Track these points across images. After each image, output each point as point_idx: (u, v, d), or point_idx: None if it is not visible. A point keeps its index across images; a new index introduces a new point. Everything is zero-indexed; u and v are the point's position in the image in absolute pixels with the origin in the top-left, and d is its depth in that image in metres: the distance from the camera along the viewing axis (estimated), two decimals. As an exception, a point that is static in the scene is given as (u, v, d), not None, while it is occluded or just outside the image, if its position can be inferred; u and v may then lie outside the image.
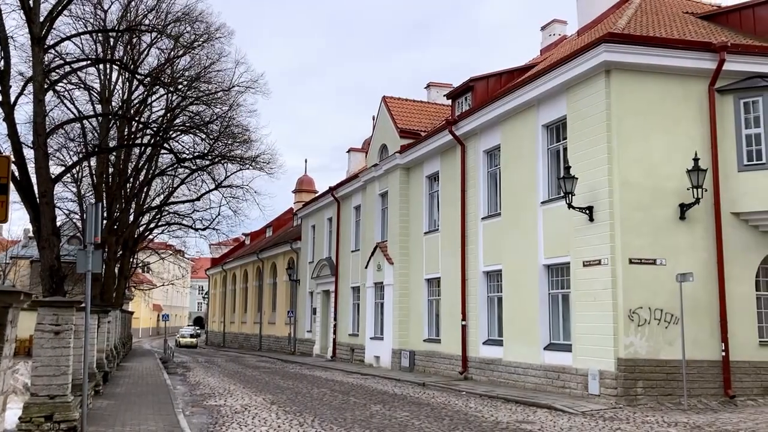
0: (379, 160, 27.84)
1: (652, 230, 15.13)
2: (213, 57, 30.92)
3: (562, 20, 26.21)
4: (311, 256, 38.27)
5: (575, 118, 16.56)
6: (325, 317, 34.94)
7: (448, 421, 12.55)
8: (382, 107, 28.10)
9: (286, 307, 42.28)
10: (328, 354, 32.94)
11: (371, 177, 28.59)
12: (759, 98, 15.53)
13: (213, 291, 67.30)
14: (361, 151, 37.59)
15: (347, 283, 31.72)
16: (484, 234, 20.58)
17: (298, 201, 49.54)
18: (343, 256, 32.57)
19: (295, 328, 40.15)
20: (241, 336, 53.05)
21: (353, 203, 31.85)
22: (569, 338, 16.47)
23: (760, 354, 15.20)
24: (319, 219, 37.16)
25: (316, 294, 36.17)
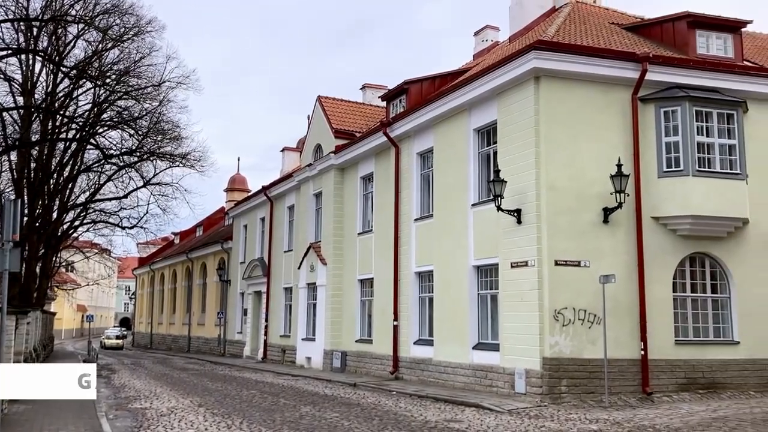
0: (314, 160, 27.73)
1: (576, 233, 15.61)
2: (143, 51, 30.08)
3: (494, 27, 26.76)
4: (243, 256, 37.76)
5: (505, 123, 16.93)
6: (256, 318, 34.53)
7: (377, 422, 12.62)
8: (317, 107, 28.00)
9: (216, 308, 41.57)
10: (259, 355, 32.57)
11: (305, 177, 28.43)
12: (678, 107, 16.26)
13: (140, 291, 65.50)
14: (295, 151, 37.33)
15: (279, 284, 31.44)
16: (417, 235, 20.79)
17: (230, 200, 48.80)
18: (276, 257, 32.27)
19: (225, 330, 39.51)
20: (170, 337, 51.84)
21: (287, 203, 31.60)
22: (497, 338, 16.82)
23: (676, 353, 15.91)
24: (252, 218, 36.70)
25: (248, 295, 35.71)
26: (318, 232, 27.38)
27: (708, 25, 17.82)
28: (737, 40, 17.95)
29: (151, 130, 31.41)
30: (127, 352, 48.25)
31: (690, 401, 14.97)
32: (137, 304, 67.20)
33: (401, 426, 12.10)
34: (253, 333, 34.56)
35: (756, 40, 21.70)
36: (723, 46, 17.87)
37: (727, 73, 16.97)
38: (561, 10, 21.02)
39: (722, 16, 18.09)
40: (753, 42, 21.15)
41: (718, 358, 16.24)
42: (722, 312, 16.73)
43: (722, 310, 16.73)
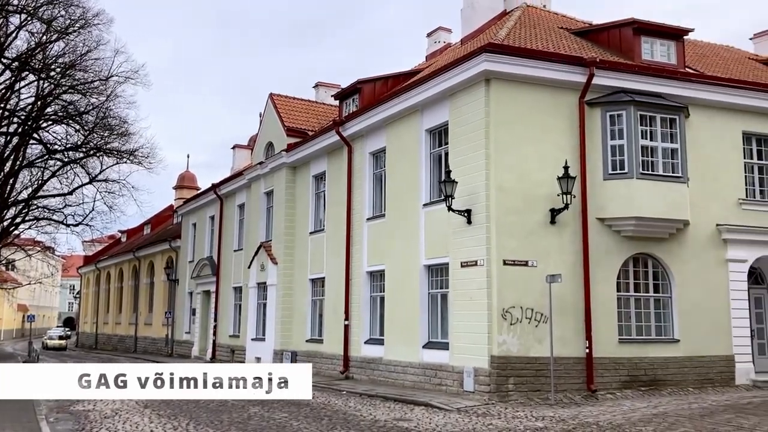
0: (265, 158, 27.48)
1: (525, 233, 15.87)
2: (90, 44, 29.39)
3: (447, 28, 26.99)
4: (191, 255, 37.16)
5: (456, 124, 17.09)
6: (205, 318, 34.03)
7: (327, 421, 12.59)
8: (269, 105, 27.75)
9: (164, 307, 40.82)
10: (208, 355, 32.10)
11: (256, 175, 28.15)
12: (623, 112, 16.69)
13: (85, 290, 63.83)
14: (246, 149, 36.93)
15: (229, 283, 31.06)
16: (369, 235, 20.81)
17: (179, 198, 47.93)
18: (226, 256, 31.86)
19: (172, 329, 38.84)
20: (115, 337, 50.67)
21: (237, 201, 31.23)
22: (447, 337, 16.97)
23: (619, 351, 16.33)
24: (201, 217, 36.15)
25: (196, 294, 35.16)
26: (269, 231, 27.14)
27: (653, 32, 18.33)
28: (680, 47, 18.52)
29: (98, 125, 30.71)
30: (71, 353, 46.94)
31: (632, 398, 15.38)
32: (82, 303, 65.46)
33: (350, 425, 12.10)
34: (202, 333, 34.05)
35: (697, 48, 22.44)
36: (667, 53, 18.42)
37: (670, 79, 17.49)
38: (512, 13, 21.34)
39: (666, 24, 18.64)
40: (694, 49, 21.87)
41: (659, 356, 16.73)
42: (663, 311, 17.24)
43: (664, 309, 17.24)
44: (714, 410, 13.48)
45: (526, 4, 21.92)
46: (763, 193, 18.91)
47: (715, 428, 11.42)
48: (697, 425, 11.74)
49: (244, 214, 30.17)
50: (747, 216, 18.22)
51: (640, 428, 11.50)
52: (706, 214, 17.66)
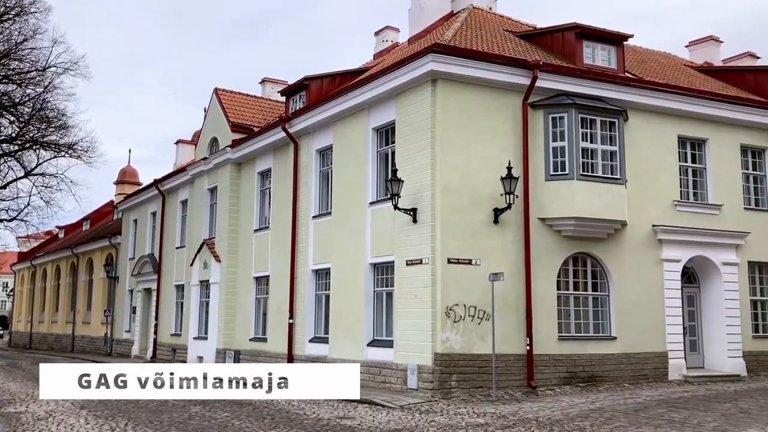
0: (209, 153, 27.05)
1: (469, 232, 16.07)
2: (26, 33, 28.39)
3: (394, 27, 27.07)
4: (132, 252, 36.30)
5: (403, 123, 17.18)
6: (146, 316, 33.29)
7: (269, 420, 12.49)
8: (214, 100, 27.32)
9: (103, 305, 39.74)
10: (148, 354, 31.42)
11: (200, 171, 27.68)
12: (565, 114, 17.07)
13: (19, 288, 61.54)
14: (190, 144, 36.27)
15: (171, 281, 30.47)
16: (315, 233, 20.72)
17: (119, 193, 46.71)
18: (167, 253, 31.23)
19: (112, 328, 37.87)
20: (51, 337, 49.05)
21: (180, 197, 30.64)
22: (391, 335, 17.05)
23: (559, 348, 16.71)
24: (142, 213, 35.34)
25: (137, 292, 34.36)
26: (212, 228, 26.73)
27: (594, 37, 18.80)
28: (620, 52, 19.04)
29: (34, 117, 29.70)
30: (3, 353, 45.20)
31: (571, 394, 15.76)
32: (16, 301, 63.11)
33: (293, 424, 12.03)
34: (143, 332, 33.31)
35: (636, 54, 23.13)
36: (607, 58, 18.91)
37: (611, 83, 17.97)
38: (459, 15, 21.56)
39: (607, 29, 19.11)
40: (634, 55, 22.54)
41: (597, 353, 17.19)
42: (602, 309, 17.71)
43: (602, 307, 17.72)
44: (648, 405, 13.92)
45: (472, 6, 22.18)
46: (696, 195, 19.64)
47: (648, 422, 11.80)
48: (631, 420, 12.11)
49: (187, 210, 29.64)
50: (681, 217, 18.90)
51: (578, 423, 11.79)
52: (643, 215, 18.24)
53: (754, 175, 20.75)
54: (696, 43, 28.76)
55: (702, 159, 19.83)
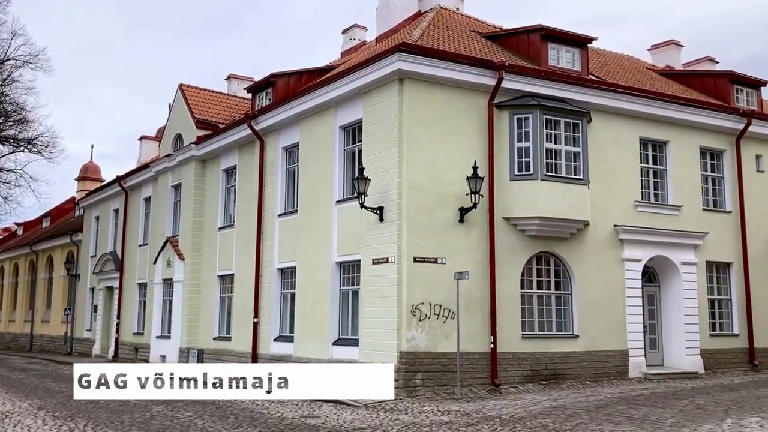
0: (173, 150, 26.70)
1: (435, 231, 16.15)
2: (-17, 24, 27.59)
3: (362, 26, 27.06)
4: (94, 249, 35.63)
5: (370, 122, 17.18)
6: (108, 315, 32.71)
7: (232, 420, 12.39)
8: (179, 95, 26.96)
9: (63, 304, 38.94)
10: (110, 354, 30.89)
11: (164, 167, 27.30)
12: (530, 115, 17.26)
13: (-25, 286, 59.89)
14: (154, 140, 35.74)
15: (133, 279, 29.99)
16: (281, 231, 20.60)
17: (81, 189, 45.77)
18: (130, 251, 30.74)
19: (72, 327, 37.12)
20: (8, 336, 47.89)
21: (143, 194, 30.19)
22: (357, 333, 17.05)
23: (522, 346, 16.90)
24: (105, 210, 34.72)
25: (98, 290, 33.75)
26: (176, 226, 26.39)
27: (559, 39, 19.03)
28: (584, 54, 19.32)
29: (-8, 110, 28.88)
30: (-42, 353, 43.99)
31: (534, 392, 15.96)
32: (-29, 300, 61.38)
33: (257, 423, 11.96)
34: (104, 331, 32.73)
35: (600, 56, 23.50)
36: (571, 60, 19.17)
37: (575, 85, 18.23)
38: (426, 14, 21.64)
39: (572, 32, 19.37)
40: (597, 57, 22.89)
41: (559, 351, 17.43)
42: (564, 308, 17.97)
43: (564, 305, 17.97)
44: (609, 402, 14.16)
45: (439, 6, 22.28)
46: (657, 196, 20.04)
47: (609, 419, 12.00)
48: (592, 417, 12.30)
49: (150, 207, 29.21)
50: (642, 217, 19.26)
51: (541, 421, 11.93)
52: (605, 215, 18.54)
53: (713, 177, 21.26)
54: (658, 46, 29.34)
55: (663, 161, 20.24)
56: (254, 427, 11.54)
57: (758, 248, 21.45)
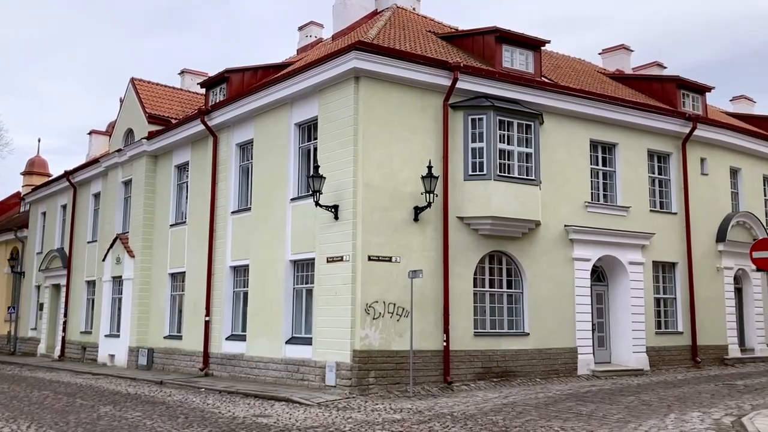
0: (124, 145, 26.14)
1: (389, 230, 16.21)
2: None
3: (319, 23, 26.94)
4: (40, 246, 34.64)
5: (326, 120, 17.13)
6: (54, 313, 31.83)
7: (182, 419, 12.21)
8: (130, 89, 26.42)
9: (7, 302, 37.76)
10: (56, 353, 30.07)
11: (114, 163, 26.71)
12: (483, 116, 17.45)
13: None
14: (104, 135, 34.88)
15: (81, 277, 29.27)
16: (233, 228, 20.38)
17: (27, 184, 44.39)
18: (78, 248, 29.98)
19: (17, 326, 36.03)
20: (-52, 335, 46.16)
21: (92, 190, 29.47)
22: (310, 332, 16.99)
23: (474, 344, 17.10)
24: (52, 205, 33.77)
25: (44, 288, 32.82)
26: (126, 223, 25.86)
27: (513, 41, 19.29)
28: (537, 57, 19.63)
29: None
30: None
31: (485, 389, 16.16)
32: None
33: (207, 423, 11.81)
34: (50, 329, 31.84)
35: (553, 59, 23.91)
36: (525, 62, 19.46)
37: (528, 87, 18.50)
38: (383, 13, 21.68)
39: (526, 34, 19.65)
40: (550, 60, 23.28)
41: (510, 349, 17.69)
42: (515, 306, 18.24)
43: (515, 304, 18.25)
44: (558, 399, 14.44)
45: (396, 5, 22.35)
46: (606, 197, 20.50)
47: (557, 415, 12.24)
48: (542, 413, 12.52)
49: (100, 203, 28.55)
50: (591, 218, 19.68)
51: (491, 418, 12.09)
52: (556, 215, 18.89)
53: (660, 179, 21.86)
54: (608, 51, 30.01)
55: (612, 162, 20.71)
56: (205, 427, 11.40)
57: (702, 249, 22.16)
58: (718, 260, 22.66)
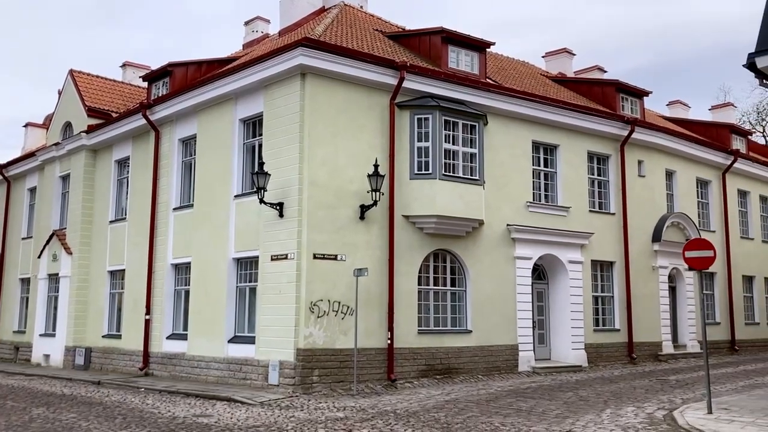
0: (62, 139, 25.33)
1: (335, 228, 16.18)
2: None
3: (265, 18, 26.67)
4: (-29, 242, 33.22)
5: (271, 116, 16.98)
6: (-15, 312, 30.60)
7: (120, 420, 11.93)
8: (69, 82, 25.59)
9: (-66, 300, 36.08)
10: (-13, 354, 28.94)
11: (51, 157, 25.85)
12: (429, 115, 17.60)
13: None
14: (41, 128, 33.69)
15: (15, 274, 28.24)
16: (175, 225, 20.00)
17: (-43, 178, 42.58)
18: (12, 244, 28.91)
19: (-56, 326, 34.46)
20: None
21: (27, 185, 28.47)
22: (254, 331, 16.82)
23: (418, 341, 17.24)
24: (-16, 200, 32.44)
25: (-25, 286, 31.50)
26: (64, 219, 25.07)
27: (459, 42, 19.51)
28: (482, 58, 19.90)
29: None
30: None
31: (428, 386, 16.31)
32: None
33: (146, 423, 11.57)
34: (-20, 329, 30.59)
35: (497, 61, 24.28)
36: (470, 63, 19.70)
37: (473, 88, 18.74)
38: (330, 11, 21.60)
39: (471, 36, 19.89)
40: (495, 62, 23.64)
41: (454, 346, 17.91)
42: (459, 304, 18.47)
43: (459, 302, 18.47)
44: (499, 395, 14.69)
45: (343, 3, 22.30)
46: (547, 198, 20.94)
47: (498, 411, 12.45)
48: (483, 409, 12.72)
49: (36, 198, 27.60)
50: (533, 218, 20.08)
51: (434, 415, 12.22)
52: (499, 214, 19.20)
53: (599, 180, 22.46)
54: (551, 54, 30.67)
55: (553, 163, 21.18)
56: (143, 428, 11.16)
57: (638, 248, 22.88)
58: (653, 259, 23.44)
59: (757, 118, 44.85)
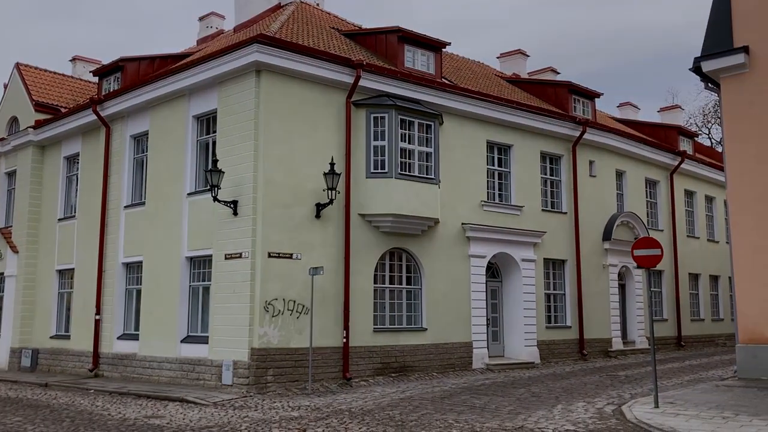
0: (8, 134, 24.56)
1: (290, 227, 16.09)
2: None
3: (220, 14, 26.34)
4: None
5: (225, 113, 16.78)
6: (-75, 313, 29.48)
7: (68, 423, 11.65)
8: (15, 75, 24.82)
9: None
10: (-73, 356, 27.87)
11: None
12: (386, 114, 17.64)
13: None
14: (-15, 122, 32.62)
15: (-43, 273, 27.26)
16: (126, 223, 19.61)
17: None
18: (-46, 242, 27.88)
19: None
20: None
21: (-29, 181, 27.49)
22: (207, 330, 16.61)
23: (374, 339, 17.28)
24: (-76, 197, 31.23)
25: None
26: (9, 216, 24.33)
27: (415, 42, 19.60)
28: (438, 58, 20.03)
29: None
30: None
31: (384, 384, 16.36)
32: None
33: (95, 426, 11.31)
34: None
35: (453, 61, 24.47)
36: (426, 63, 19.81)
37: (429, 88, 18.85)
38: (286, 8, 21.45)
39: (428, 36, 19.99)
40: (451, 62, 23.82)
41: (409, 344, 18.00)
42: (414, 302, 18.57)
43: (414, 300, 18.58)
44: (453, 392, 14.83)
45: (300, 0, 22.18)
46: (501, 197, 21.22)
47: (452, 408, 12.57)
48: (437, 407, 12.82)
49: (-21, 195, 26.67)
50: (487, 216, 20.32)
51: (389, 412, 12.26)
52: (454, 213, 19.38)
53: (551, 179, 22.85)
54: (506, 55, 31.07)
55: (507, 163, 21.46)
56: (93, 430, 10.91)
57: (589, 247, 23.37)
58: (604, 258, 23.97)
59: (703, 120, 46.30)
